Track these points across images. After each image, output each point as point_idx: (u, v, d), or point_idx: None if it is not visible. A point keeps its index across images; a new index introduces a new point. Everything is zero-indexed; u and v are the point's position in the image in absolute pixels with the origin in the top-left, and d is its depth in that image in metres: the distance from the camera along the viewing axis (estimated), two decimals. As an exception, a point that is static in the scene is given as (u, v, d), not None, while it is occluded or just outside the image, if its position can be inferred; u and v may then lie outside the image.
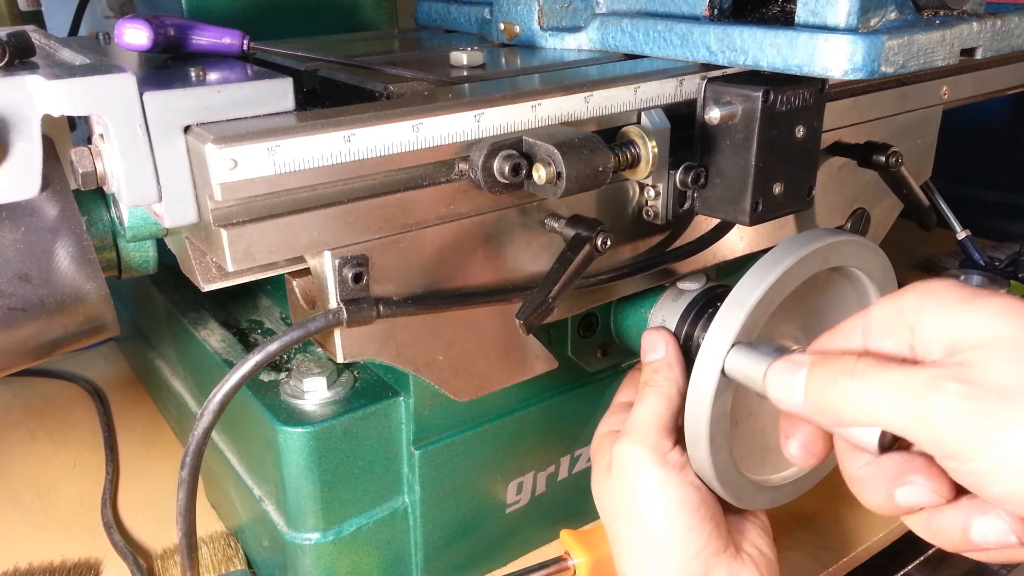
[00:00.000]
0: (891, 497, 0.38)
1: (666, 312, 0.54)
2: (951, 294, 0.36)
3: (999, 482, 0.33)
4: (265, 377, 0.57)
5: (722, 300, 0.46)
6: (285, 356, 0.60)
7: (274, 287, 0.68)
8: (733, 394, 0.46)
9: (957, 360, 0.34)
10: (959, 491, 0.37)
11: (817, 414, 0.38)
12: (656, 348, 0.52)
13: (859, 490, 0.39)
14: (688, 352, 0.53)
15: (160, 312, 0.73)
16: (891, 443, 0.37)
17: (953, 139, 0.79)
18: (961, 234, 0.85)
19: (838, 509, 0.68)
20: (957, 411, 0.33)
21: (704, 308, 0.53)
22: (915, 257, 1.06)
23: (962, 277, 0.81)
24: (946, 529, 0.37)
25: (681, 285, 0.55)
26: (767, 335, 0.47)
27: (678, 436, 0.49)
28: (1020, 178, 1.15)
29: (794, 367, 0.39)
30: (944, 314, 0.36)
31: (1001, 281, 0.87)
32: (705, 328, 0.51)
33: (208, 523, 0.68)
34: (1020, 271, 0.99)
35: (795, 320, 0.48)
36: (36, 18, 0.89)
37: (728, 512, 0.50)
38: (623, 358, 0.63)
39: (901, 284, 0.51)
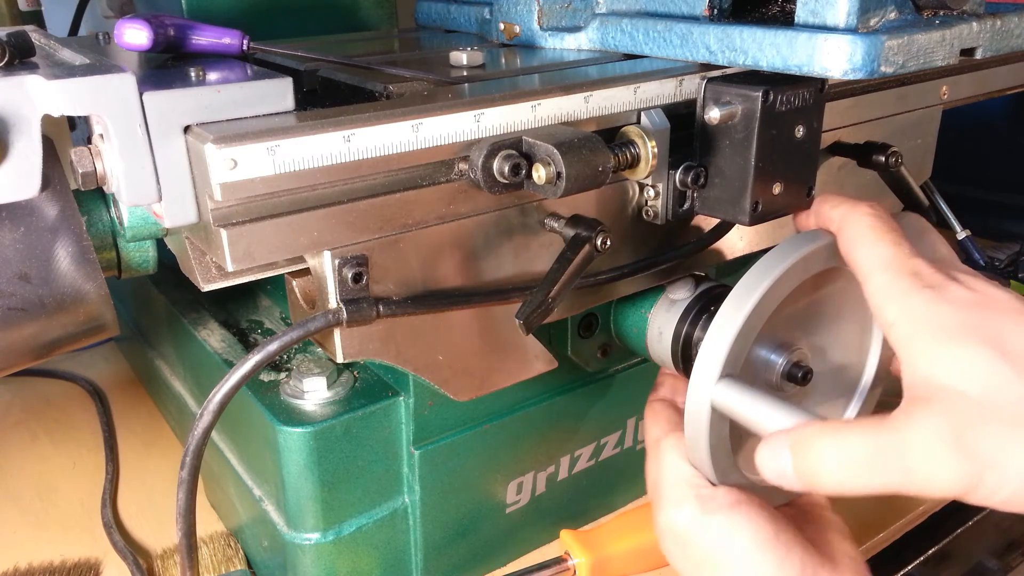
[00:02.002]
0: None
1: (663, 320, 0.54)
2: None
3: (998, 493, 0.35)
4: (265, 377, 0.57)
5: (716, 301, 0.46)
6: (285, 356, 0.60)
7: (274, 287, 0.68)
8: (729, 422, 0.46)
9: (933, 402, 0.37)
10: None
11: (813, 488, 0.40)
12: (655, 423, 0.51)
13: None
14: (689, 357, 0.53)
15: (160, 312, 0.73)
16: None
17: (953, 139, 0.79)
18: (961, 234, 0.85)
19: (838, 509, 0.68)
20: (940, 462, 0.36)
21: (703, 309, 0.53)
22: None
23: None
24: None
25: (671, 295, 0.55)
26: (766, 335, 0.47)
27: None
28: (1020, 178, 1.15)
29: (778, 448, 0.40)
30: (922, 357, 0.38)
31: (1001, 281, 0.87)
32: (705, 328, 0.51)
33: (208, 523, 0.68)
34: (1020, 271, 0.99)
35: (795, 319, 0.48)
36: (36, 18, 0.89)
37: (805, 523, 0.47)
38: (623, 358, 0.63)
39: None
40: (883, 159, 0.58)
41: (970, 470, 0.35)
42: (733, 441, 0.47)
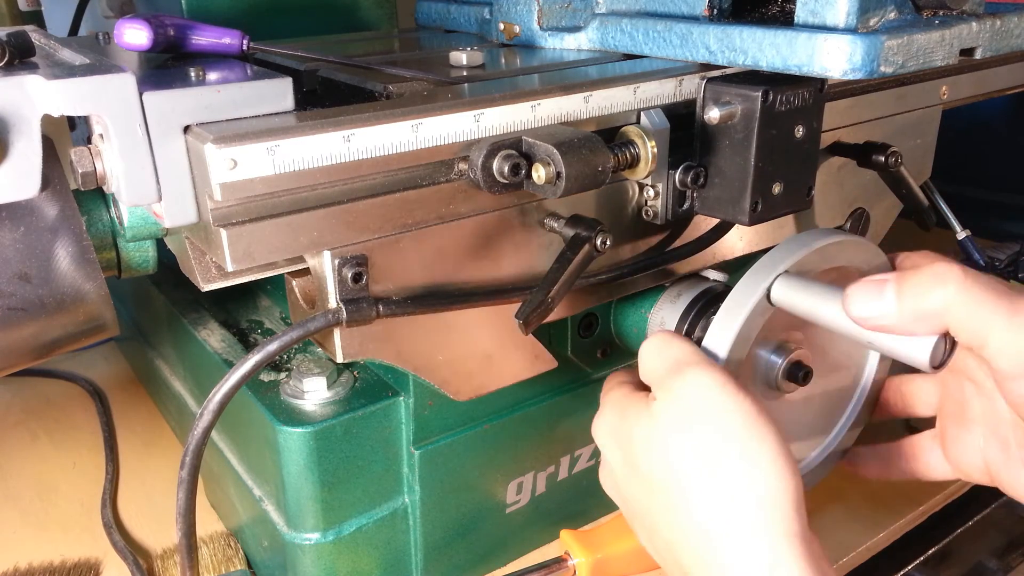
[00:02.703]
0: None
1: (663, 320, 0.54)
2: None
3: None
4: (265, 377, 0.57)
5: (717, 301, 0.46)
6: (285, 356, 0.60)
7: (274, 287, 0.68)
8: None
9: None
10: None
11: (911, 323, 0.39)
12: (615, 376, 0.49)
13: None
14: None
15: (160, 312, 0.73)
16: (944, 360, 0.40)
17: (953, 139, 0.79)
18: (961, 234, 0.85)
19: (837, 509, 0.68)
20: None
21: (703, 309, 0.53)
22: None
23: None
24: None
25: (707, 274, 0.55)
26: (767, 335, 0.47)
27: None
28: (1020, 178, 1.15)
29: (879, 283, 0.40)
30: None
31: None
32: (704, 329, 0.51)
33: (208, 523, 0.68)
34: (1020, 271, 0.99)
35: (795, 319, 0.48)
36: (36, 18, 0.89)
37: None
38: (623, 358, 0.63)
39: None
40: (883, 159, 0.58)
41: None
42: None
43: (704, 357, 0.43)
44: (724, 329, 0.45)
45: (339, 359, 0.43)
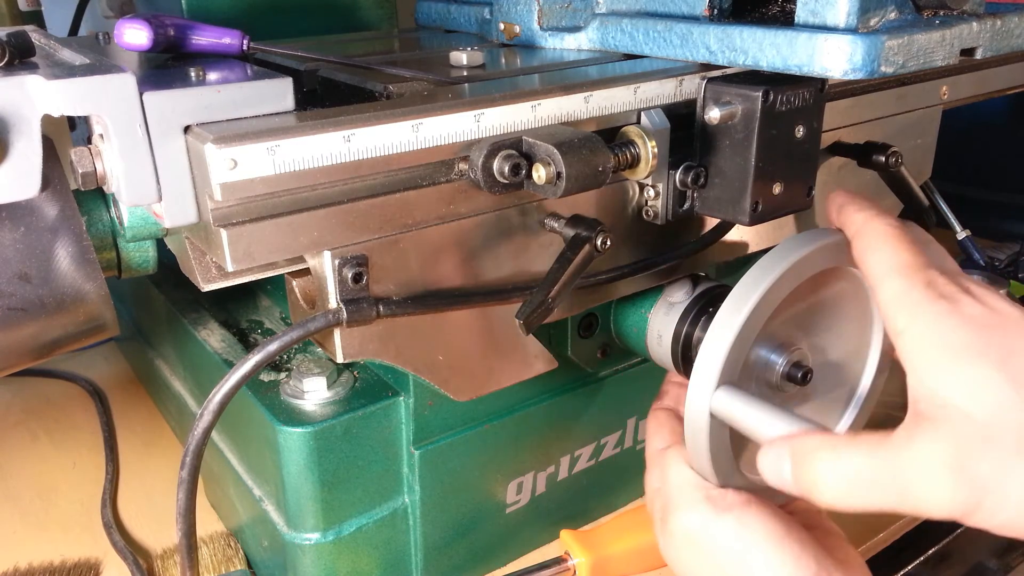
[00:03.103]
0: None
1: (662, 320, 0.55)
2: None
3: (996, 517, 0.35)
4: (265, 377, 0.57)
5: (716, 301, 0.46)
6: (285, 356, 0.60)
7: (274, 287, 0.68)
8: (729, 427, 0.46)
9: (932, 417, 0.36)
10: None
11: (811, 500, 0.40)
12: (658, 433, 0.52)
13: None
14: (688, 354, 0.53)
15: (160, 312, 0.73)
16: None
17: (953, 139, 0.79)
18: (961, 234, 0.85)
19: (835, 513, 0.68)
20: (942, 487, 0.35)
21: (703, 309, 0.53)
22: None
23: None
24: None
25: (669, 298, 0.55)
26: (766, 336, 0.47)
27: None
28: (1020, 178, 1.15)
29: (779, 456, 0.40)
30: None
31: (1001, 281, 0.87)
32: (705, 328, 0.51)
33: (208, 523, 0.68)
34: (1020, 271, 0.99)
35: (794, 319, 0.48)
36: (36, 18, 0.89)
37: (808, 528, 0.46)
38: (623, 358, 0.63)
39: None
40: (883, 159, 0.58)
41: (969, 495, 0.35)
42: (735, 443, 0.47)
43: (683, 498, 0.46)
44: (697, 457, 0.46)
45: (339, 359, 0.43)
